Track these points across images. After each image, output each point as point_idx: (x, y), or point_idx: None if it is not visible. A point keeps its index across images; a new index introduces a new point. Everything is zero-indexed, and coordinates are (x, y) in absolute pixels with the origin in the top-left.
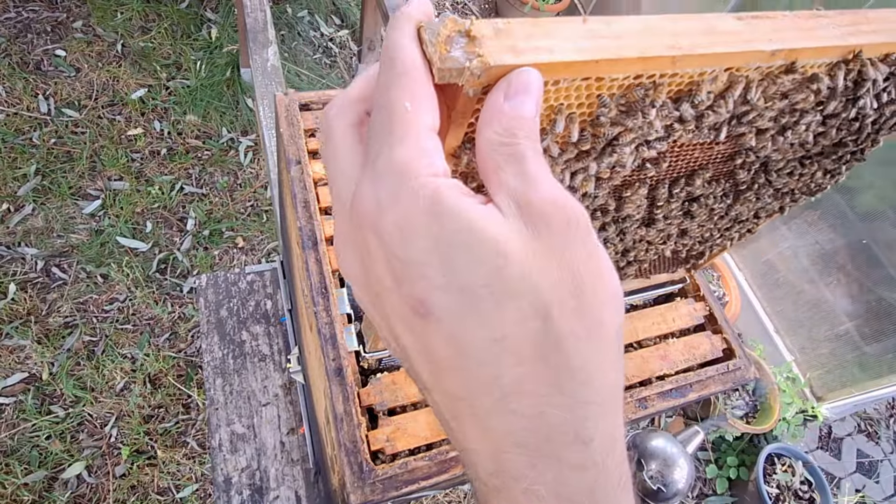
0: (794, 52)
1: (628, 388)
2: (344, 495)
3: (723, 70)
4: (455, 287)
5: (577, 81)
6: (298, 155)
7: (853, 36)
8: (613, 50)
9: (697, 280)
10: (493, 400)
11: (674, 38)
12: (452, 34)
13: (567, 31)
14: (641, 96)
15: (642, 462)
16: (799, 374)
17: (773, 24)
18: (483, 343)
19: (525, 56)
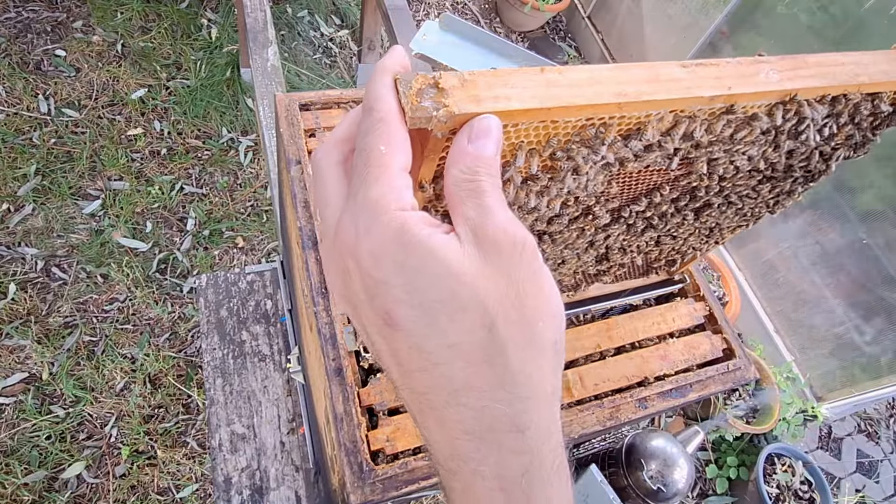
0: (732, 97)
1: (628, 388)
2: (344, 495)
3: (668, 111)
4: (417, 302)
5: (534, 123)
6: (298, 155)
7: (790, 80)
8: (565, 98)
9: (697, 280)
10: (447, 394)
11: (620, 86)
12: (423, 87)
13: (525, 80)
14: (593, 135)
15: (642, 462)
16: (799, 374)
17: (715, 71)
18: (439, 348)
19: (485, 104)
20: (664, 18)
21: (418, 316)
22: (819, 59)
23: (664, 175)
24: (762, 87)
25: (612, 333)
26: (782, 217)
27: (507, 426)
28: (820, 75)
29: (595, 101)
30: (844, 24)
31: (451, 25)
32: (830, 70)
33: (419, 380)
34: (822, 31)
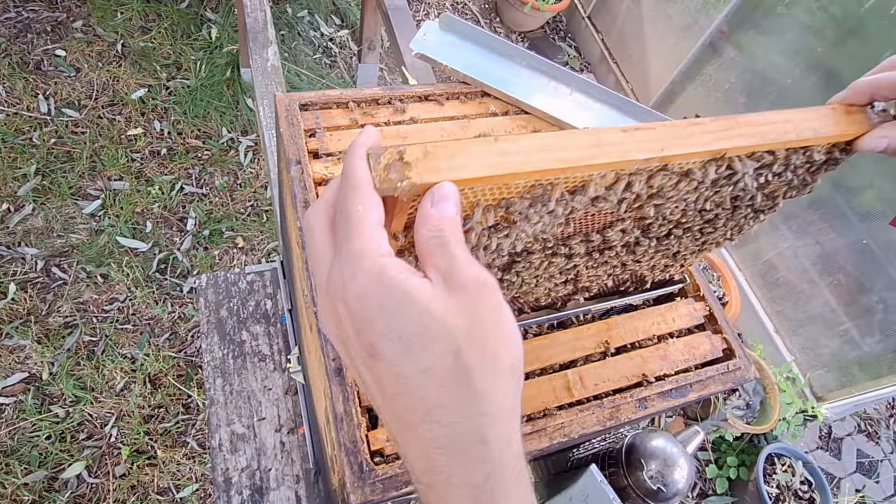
0: (666, 157)
1: (628, 388)
2: (344, 495)
3: (609, 170)
4: (395, 336)
5: (489, 185)
6: (298, 155)
7: (720, 140)
8: (513, 166)
9: (697, 280)
10: (422, 414)
11: (564, 152)
12: (390, 161)
13: (480, 150)
14: (541, 193)
15: (642, 462)
16: (799, 374)
17: (652, 135)
18: (414, 373)
19: (444, 174)
20: (664, 18)
21: (397, 346)
22: (750, 119)
23: (616, 215)
24: (694, 147)
25: (612, 333)
26: (782, 217)
27: (472, 439)
28: (749, 135)
29: (540, 168)
30: (844, 24)
31: (451, 25)
32: (760, 130)
33: (399, 402)
34: (822, 31)
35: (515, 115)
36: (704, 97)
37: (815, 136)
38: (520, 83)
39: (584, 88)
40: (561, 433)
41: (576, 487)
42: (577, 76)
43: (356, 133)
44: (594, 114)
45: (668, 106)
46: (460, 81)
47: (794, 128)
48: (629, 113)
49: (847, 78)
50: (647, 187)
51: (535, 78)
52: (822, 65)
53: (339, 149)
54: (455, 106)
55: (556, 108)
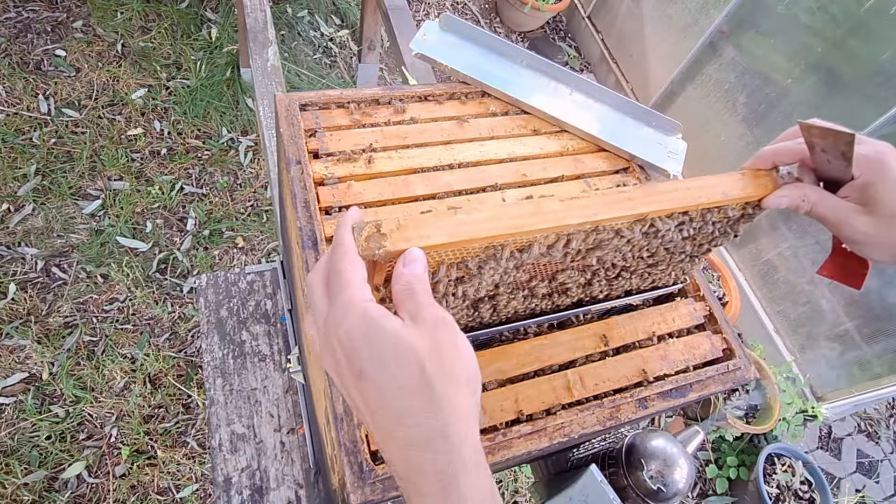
0: (596, 221)
1: (628, 388)
2: (344, 495)
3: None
4: (376, 360)
5: (450, 248)
6: (298, 155)
7: (641, 206)
8: (468, 233)
9: (697, 280)
10: (396, 420)
11: (511, 220)
12: (370, 234)
13: (442, 222)
14: (493, 253)
15: (642, 462)
16: (799, 374)
17: (585, 203)
18: (392, 389)
19: (412, 242)
20: (664, 18)
21: (377, 366)
22: (668, 186)
23: (565, 264)
24: (620, 212)
25: (612, 333)
26: (782, 217)
27: (436, 435)
28: (666, 200)
29: (491, 234)
30: (844, 24)
31: (451, 25)
32: (675, 195)
33: (380, 414)
34: (822, 31)
35: (515, 115)
36: (704, 97)
37: (724, 198)
38: (520, 83)
39: (584, 88)
40: (561, 433)
41: (576, 487)
42: (577, 76)
43: (356, 132)
44: (594, 114)
45: (668, 106)
46: (460, 81)
47: (705, 192)
48: (629, 113)
49: (847, 78)
50: (584, 243)
51: (535, 78)
52: (822, 65)
53: (339, 149)
54: (455, 106)
55: (556, 108)
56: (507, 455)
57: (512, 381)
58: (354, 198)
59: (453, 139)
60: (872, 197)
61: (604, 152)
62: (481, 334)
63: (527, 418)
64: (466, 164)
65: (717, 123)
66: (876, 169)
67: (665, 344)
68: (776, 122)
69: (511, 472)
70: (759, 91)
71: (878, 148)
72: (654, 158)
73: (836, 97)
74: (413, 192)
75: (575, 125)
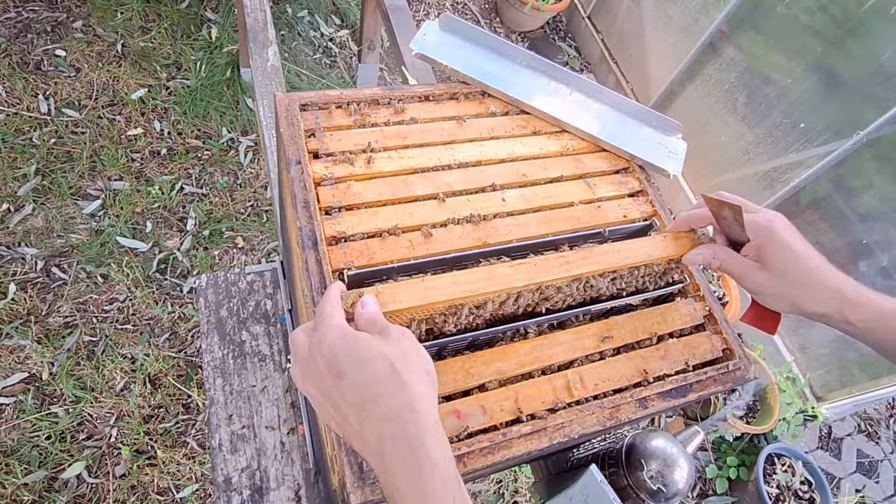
0: (539, 283)
1: (628, 388)
2: (344, 495)
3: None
4: (354, 362)
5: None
6: (298, 155)
7: (577, 269)
8: (433, 297)
9: (697, 280)
10: (372, 402)
11: (469, 284)
12: (354, 300)
13: (411, 289)
14: (455, 311)
15: (642, 462)
16: (799, 374)
17: (530, 267)
18: (367, 381)
19: (388, 306)
20: (664, 18)
21: (356, 368)
22: (603, 249)
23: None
24: (559, 274)
25: (612, 333)
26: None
27: (406, 409)
28: (599, 262)
29: (451, 297)
30: (844, 24)
31: (451, 25)
32: (607, 258)
33: (357, 404)
34: (822, 31)
35: (515, 115)
36: (704, 97)
37: (648, 258)
38: (520, 83)
39: (584, 88)
40: (561, 433)
41: (576, 487)
42: (577, 76)
43: (356, 132)
44: (594, 114)
45: (668, 106)
46: (460, 81)
47: (632, 254)
48: (629, 113)
49: (847, 78)
50: (532, 298)
51: (535, 78)
52: (822, 65)
53: (340, 149)
54: (455, 106)
55: (556, 108)
56: (507, 455)
57: (512, 381)
58: (354, 198)
59: (453, 139)
60: (764, 257)
61: (604, 152)
62: (481, 334)
63: (527, 418)
64: (466, 164)
65: (717, 123)
66: (766, 234)
67: (665, 344)
68: (776, 122)
69: (511, 472)
70: (759, 91)
71: (768, 216)
72: (654, 158)
73: (836, 97)
74: (413, 192)
75: (575, 125)
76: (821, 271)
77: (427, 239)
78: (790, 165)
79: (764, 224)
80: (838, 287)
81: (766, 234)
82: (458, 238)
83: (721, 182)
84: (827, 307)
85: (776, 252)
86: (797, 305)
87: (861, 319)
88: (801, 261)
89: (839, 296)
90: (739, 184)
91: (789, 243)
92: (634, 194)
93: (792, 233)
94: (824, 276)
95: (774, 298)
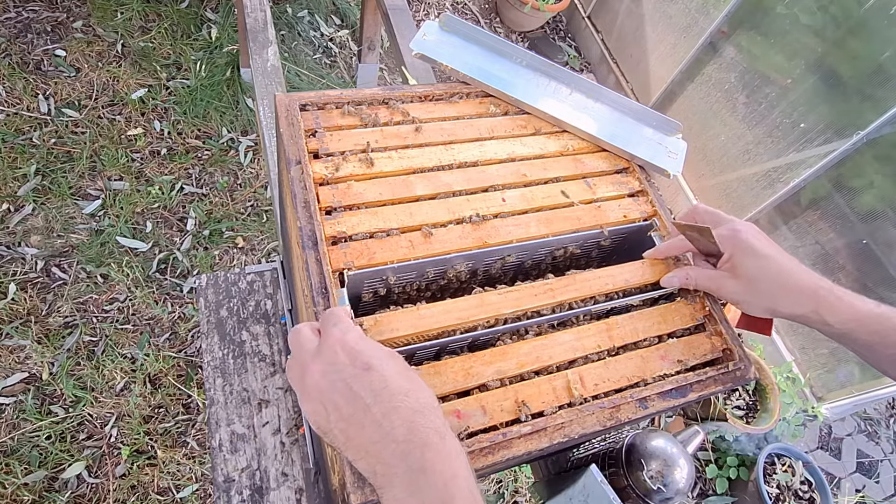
0: (524, 309)
1: (628, 388)
2: (344, 495)
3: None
4: (378, 357)
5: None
6: (298, 155)
7: (560, 296)
8: (426, 325)
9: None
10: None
11: (459, 311)
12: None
13: (408, 317)
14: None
15: (642, 462)
16: (799, 374)
17: (517, 294)
18: (394, 374)
19: (385, 334)
20: (664, 18)
21: (382, 361)
22: (586, 276)
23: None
24: (544, 301)
25: (612, 333)
26: (783, 217)
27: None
28: (581, 288)
29: (443, 325)
30: (844, 24)
31: (451, 25)
32: (589, 283)
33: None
34: (822, 31)
35: (515, 115)
36: (704, 97)
37: (627, 284)
38: (520, 83)
39: (584, 88)
40: (561, 433)
41: (576, 487)
42: (577, 76)
43: (356, 132)
44: (594, 114)
45: (668, 106)
46: (460, 81)
47: (612, 280)
48: (629, 113)
49: (847, 78)
50: (518, 320)
51: (535, 78)
52: (822, 65)
53: (340, 149)
54: (455, 106)
55: (556, 108)
56: (507, 455)
57: (512, 380)
58: (354, 198)
59: (453, 139)
60: (734, 265)
61: (604, 152)
62: (481, 334)
63: (527, 418)
64: (466, 164)
65: (717, 123)
66: (732, 243)
67: (665, 344)
68: (776, 122)
69: (511, 472)
70: (759, 91)
71: (734, 227)
72: (654, 158)
73: (836, 97)
74: (413, 193)
75: (575, 125)
76: (793, 273)
77: (427, 239)
78: (790, 165)
79: (729, 235)
80: (813, 288)
81: (732, 243)
82: (458, 238)
83: (721, 182)
84: (803, 308)
85: (745, 259)
86: (773, 309)
87: (839, 320)
88: (772, 264)
89: (815, 296)
90: (739, 184)
91: (756, 248)
92: (634, 194)
93: (759, 238)
94: (798, 277)
95: (751, 305)
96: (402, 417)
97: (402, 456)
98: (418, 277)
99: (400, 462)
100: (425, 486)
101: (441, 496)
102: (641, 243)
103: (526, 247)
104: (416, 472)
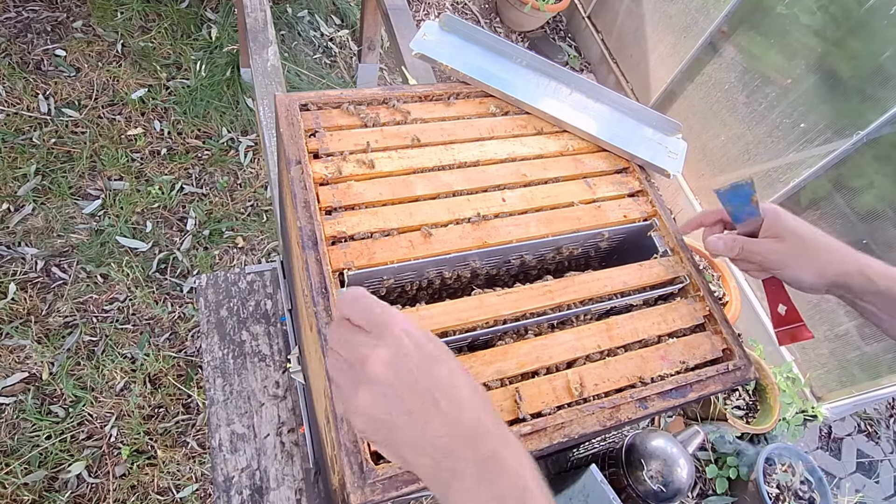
0: (524, 311)
1: (628, 388)
2: (344, 495)
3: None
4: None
5: None
6: (298, 155)
7: (558, 297)
8: (426, 325)
9: (697, 280)
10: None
11: (460, 312)
12: None
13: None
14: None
15: (642, 462)
16: (799, 374)
17: (516, 296)
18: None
19: None
20: (664, 18)
21: (447, 354)
22: (584, 278)
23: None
24: (542, 303)
25: (612, 333)
26: None
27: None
28: (579, 290)
29: (443, 326)
30: (844, 24)
31: (451, 25)
32: (587, 285)
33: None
34: (822, 31)
35: (516, 115)
36: (704, 97)
37: (625, 286)
38: (520, 83)
39: (584, 88)
40: (561, 433)
41: (576, 487)
42: (577, 76)
43: (356, 132)
44: (594, 114)
45: (668, 106)
46: (460, 81)
47: (609, 282)
48: (629, 113)
49: (847, 78)
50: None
51: (535, 78)
52: (822, 65)
53: (340, 149)
54: (455, 106)
55: (556, 108)
56: None
57: (512, 380)
58: (354, 198)
59: (453, 139)
60: (779, 232)
61: (604, 152)
62: (481, 334)
63: (526, 418)
64: (466, 164)
65: (717, 123)
66: (774, 212)
67: (665, 344)
68: (776, 121)
69: None
70: (759, 91)
71: (769, 205)
72: (654, 158)
73: (836, 97)
74: (413, 193)
75: (575, 125)
76: (832, 237)
77: (427, 239)
78: (790, 165)
79: (769, 207)
80: (853, 251)
81: (773, 212)
82: (458, 238)
83: (721, 182)
84: (848, 265)
85: (788, 222)
86: (820, 269)
87: (883, 276)
88: (814, 228)
89: (857, 255)
90: None
91: (795, 216)
92: (634, 194)
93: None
94: (836, 240)
95: (797, 268)
96: (472, 412)
97: (472, 448)
98: (418, 277)
99: (471, 453)
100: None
101: (514, 482)
102: (641, 243)
103: (526, 247)
104: (487, 461)
